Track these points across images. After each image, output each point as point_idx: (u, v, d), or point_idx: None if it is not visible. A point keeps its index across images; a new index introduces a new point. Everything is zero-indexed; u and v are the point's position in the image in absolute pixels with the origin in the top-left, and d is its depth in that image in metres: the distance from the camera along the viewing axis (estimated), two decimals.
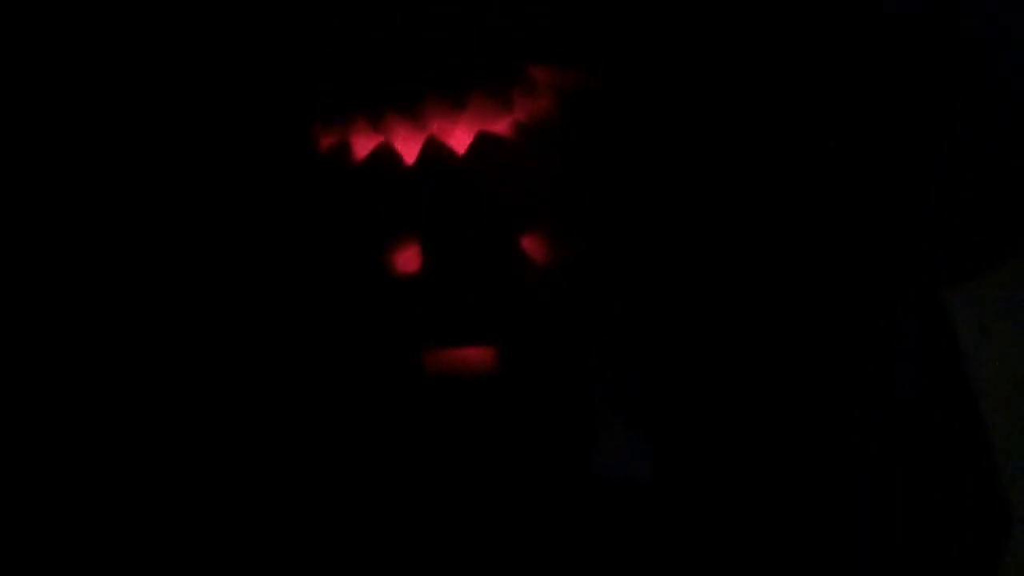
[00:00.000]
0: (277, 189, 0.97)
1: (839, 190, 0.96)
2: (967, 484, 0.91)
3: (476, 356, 0.94)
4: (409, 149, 0.95)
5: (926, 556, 0.91)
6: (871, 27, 0.97)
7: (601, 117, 0.97)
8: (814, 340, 0.95)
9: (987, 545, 0.90)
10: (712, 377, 0.95)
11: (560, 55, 0.97)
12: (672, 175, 0.97)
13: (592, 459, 0.95)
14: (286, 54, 0.98)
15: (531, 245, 0.94)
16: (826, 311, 0.95)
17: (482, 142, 0.94)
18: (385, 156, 0.95)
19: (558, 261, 0.95)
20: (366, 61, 0.95)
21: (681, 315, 0.96)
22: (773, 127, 0.97)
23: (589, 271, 0.96)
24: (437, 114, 0.94)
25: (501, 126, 0.95)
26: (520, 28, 0.96)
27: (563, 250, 0.95)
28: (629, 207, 0.98)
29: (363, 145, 0.95)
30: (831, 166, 0.96)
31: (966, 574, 0.90)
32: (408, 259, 0.94)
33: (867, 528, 0.92)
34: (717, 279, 0.96)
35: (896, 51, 0.96)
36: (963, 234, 0.94)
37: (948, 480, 0.91)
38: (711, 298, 0.96)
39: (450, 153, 0.94)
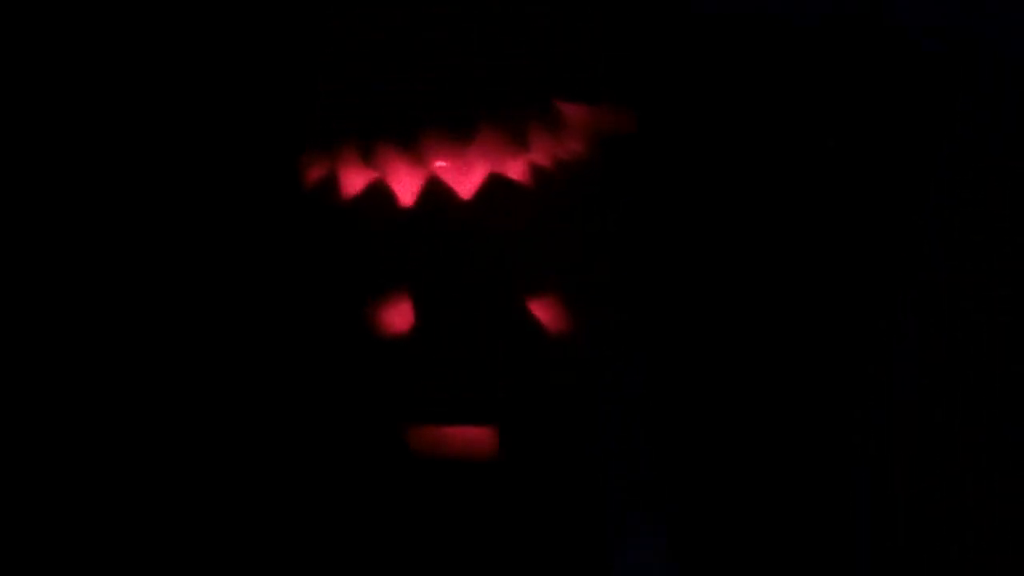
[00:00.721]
0: (254, 229, 0.87)
1: (840, 190, 0.96)
2: (967, 484, 0.91)
3: (471, 437, 0.81)
4: (405, 188, 0.81)
5: (926, 556, 0.91)
6: (871, 28, 0.97)
7: (636, 164, 0.86)
8: (814, 340, 0.95)
9: (987, 545, 0.90)
10: (712, 377, 0.95)
11: (594, 91, 0.84)
12: (677, 181, 0.97)
13: (610, 566, 0.84)
14: (275, 65, 0.90)
15: (542, 310, 0.81)
16: (826, 311, 0.95)
17: (492, 186, 0.80)
18: (377, 195, 0.81)
19: (573, 331, 0.82)
20: (358, 78, 0.82)
21: (681, 316, 0.96)
22: (774, 126, 0.97)
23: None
24: (437, 148, 0.81)
25: (515, 168, 0.82)
26: (546, 52, 0.82)
27: (579, 318, 0.82)
28: (650, 253, 0.89)
29: (352, 180, 0.82)
30: (832, 166, 0.96)
31: (966, 574, 0.90)
32: (397, 317, 0.80)
33: (867, 528, 0.93)
34: (718, 279, 0.96)
35: (896, 51, 0.96)
36: (963, 234, 0.94)
37: (948, 480, 0.92)
38: (712, 298, 0.96)
39: (453, 196, 0.80)
